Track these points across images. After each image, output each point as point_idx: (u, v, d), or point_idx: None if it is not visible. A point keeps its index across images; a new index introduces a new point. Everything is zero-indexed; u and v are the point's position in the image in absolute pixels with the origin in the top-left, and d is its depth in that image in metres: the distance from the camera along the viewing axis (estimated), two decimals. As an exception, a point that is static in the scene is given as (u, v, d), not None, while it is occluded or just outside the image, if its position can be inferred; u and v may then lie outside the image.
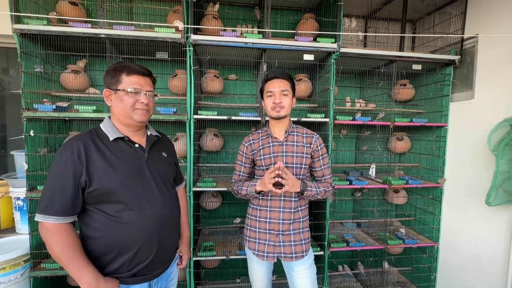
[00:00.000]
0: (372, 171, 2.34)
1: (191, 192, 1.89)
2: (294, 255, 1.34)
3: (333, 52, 1.95)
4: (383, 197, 2.61)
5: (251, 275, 1.47)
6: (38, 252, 1.81)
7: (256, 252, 1.38)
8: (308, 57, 2.00)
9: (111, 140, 1.02)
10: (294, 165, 1.35)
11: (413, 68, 2.19)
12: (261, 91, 1.41)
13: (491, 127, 1.71)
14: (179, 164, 1.38)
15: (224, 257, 1.96)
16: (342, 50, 1.96)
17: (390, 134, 2.18)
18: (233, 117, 1.95)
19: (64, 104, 1.85)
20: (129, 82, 1.02)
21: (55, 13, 1.86)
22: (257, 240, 1.38)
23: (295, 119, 1.99)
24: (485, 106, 1.93)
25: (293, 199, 1.35)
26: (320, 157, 1.39)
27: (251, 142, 1.43)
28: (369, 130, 2.49)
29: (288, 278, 1.44)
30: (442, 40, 2.28)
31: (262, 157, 1.38)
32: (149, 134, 1.15)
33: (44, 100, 1.86)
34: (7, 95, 2.42)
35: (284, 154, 1.36)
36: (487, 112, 1.91)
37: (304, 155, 1.36)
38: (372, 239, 2.29)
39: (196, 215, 2.08)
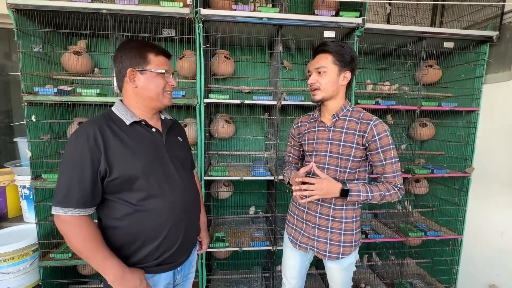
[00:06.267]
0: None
1: (202, 181, 1.79)
2: (327, 253, 1.21)
3: (357, 28, 1.76)
4: (402, 187, 2.46)
5: (283, 263, 1.40)
6: (46, 242, 1.75)
7: (291, 238, 1.32)
8: (328, 34, 1.81)
9: (127, 124, 0.93)
10: (340, 156, 1.15)
11: (444, 46, 1.98)
12: None
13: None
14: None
15: (237, 249, 1.88)
16: (367, 26, 1.77)
17: (415, 120, 2.00)
18: (247, 101, 1.80)
19: (67, 88, 1.73)
20: (158, 63, 0.95)
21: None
22: (294, 227, 1.32)
23: (309, 103, 1.82)
24: (527, 88, 1.74)
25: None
26: (380, 149, 1.11)
27: (299, 124, 1.33)
28: (391, 115, 2.31)
29: None
30: (477, 14, 2.04)
31: (306, 141, 1.26)
32: (163, 118, 1.07)
33: (47, 84, 1.75)
34: (11, 80, 2.33)
35: (330, 141, 1.17)
36: (528, 94, 1.72)
37: (354, 145, 1.13)
38: (391, 231, 2.18)
39: (206, 205, 1.98)
